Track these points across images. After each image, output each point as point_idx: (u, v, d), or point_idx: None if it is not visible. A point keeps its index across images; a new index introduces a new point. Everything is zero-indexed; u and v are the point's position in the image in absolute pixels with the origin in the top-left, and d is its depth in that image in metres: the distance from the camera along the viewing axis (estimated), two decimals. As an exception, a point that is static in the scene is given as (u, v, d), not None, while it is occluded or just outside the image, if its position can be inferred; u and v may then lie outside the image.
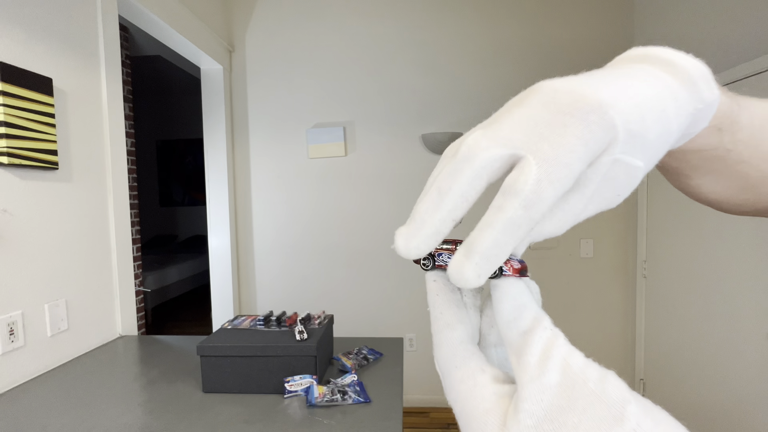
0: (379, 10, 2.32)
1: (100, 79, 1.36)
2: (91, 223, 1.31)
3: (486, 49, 2.29)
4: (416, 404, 2.42)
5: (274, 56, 2.38)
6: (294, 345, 0.94)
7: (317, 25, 2.35)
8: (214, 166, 2.35)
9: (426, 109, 2.32)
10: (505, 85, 2.29)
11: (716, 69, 1.68)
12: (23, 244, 1.07)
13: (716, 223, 1.70)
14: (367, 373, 1.05)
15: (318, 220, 2.40)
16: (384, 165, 2.37)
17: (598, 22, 2.25)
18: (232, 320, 1.13)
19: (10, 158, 1.01)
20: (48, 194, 1.15)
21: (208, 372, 0.95)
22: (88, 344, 1.28)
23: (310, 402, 0.88)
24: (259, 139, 2.42)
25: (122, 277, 1.42)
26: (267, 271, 2.46)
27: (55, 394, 0.97)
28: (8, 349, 1.02)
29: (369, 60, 2.34)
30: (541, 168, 0.15)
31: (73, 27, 1.25)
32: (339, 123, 2.37)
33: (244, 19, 2.39)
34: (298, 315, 1.11)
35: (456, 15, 2.30)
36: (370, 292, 2.41)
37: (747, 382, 1.57)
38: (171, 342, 1.32)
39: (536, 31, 2.27)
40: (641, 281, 2.23)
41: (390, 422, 0.82)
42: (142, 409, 0.89)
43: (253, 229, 2.46)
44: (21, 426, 0.83)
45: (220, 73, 2.30)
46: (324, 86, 2.37)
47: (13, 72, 1.02)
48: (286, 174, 2.42)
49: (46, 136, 1.11)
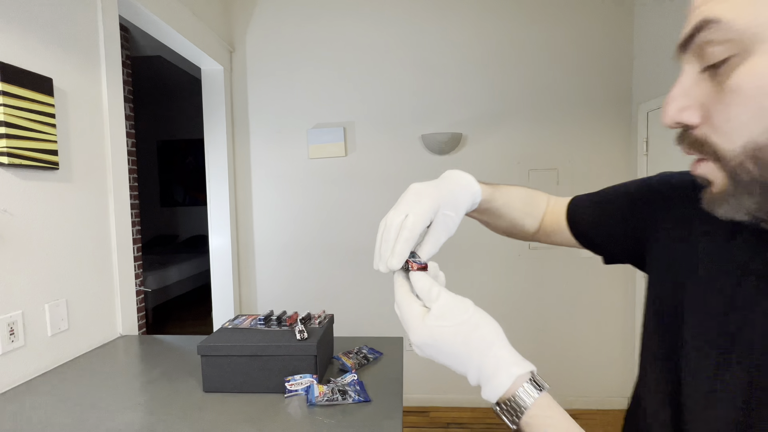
0: (379, 11, 2.32)
1: (101, 79, 1.36)
2: (92, 223, 1.31)
3: (486, 50, 2.29)
4: (416, 404, 2.42)
5: (274, 56, 2.38)
6: (294, 344, 0.94)
7: (317, 26, 2.35)
8: (215, 166, 2.35)
9: (426, 109, 2.32)
10: (505, 85, 2.29)
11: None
12: (23, 244, 1.07)
13: (716, 222, 1.70)
14: (367, 373, 1.05)
15: (318, 219, 2.41)
16: (384, 165, 2.37)
17: (598, 23, 2.25)
18: (232, 320, 1.13)
19: (10, 158, 1.01)
20: (48, 194, 1.15)
21: (209, 371, 0.95)
22: (88, 344, 1.28)
23: (311, 401, 0.88)
24: (260, 139, 2.42)
25: (123, 276, 1.42)
26: (267, 271, 2.46)
27: (55, 394, 0.97)
28: (8, 349, 1.02)
29: (369, 60, 2.34)
30: (414, 217, 0.46)
31: (73, 27, 1.25)
32: (339, 123, 2.37)
33: (245, 19, 2.39)
34: (299, 314, 1.11)
35: (456, 15, 2.30)
36: (370, 292, 2.41)
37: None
38: (171, 341, 1.33)
39: (536, 31, 2.27)
40: (641, 281, 2.23)
41: (390, 422, 0.82)
42: (143, 408, 0.89)
43: (254, 229, 2.46)
44: (21, 426, 0.84)
45: (221, 74, 2.30)
46: (324, 86, 2.37)
47: (14, 72, 1.02)
48: (287, 174, 2.42)
49: (46, 136, 1.11)
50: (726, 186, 0.32)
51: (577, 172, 2.30)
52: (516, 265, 2.34)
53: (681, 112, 0.33)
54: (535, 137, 2.31)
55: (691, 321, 0.40)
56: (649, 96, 2.13)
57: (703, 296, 0.39)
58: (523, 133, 2.31)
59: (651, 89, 2.12)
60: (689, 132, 0.34)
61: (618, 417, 2.31)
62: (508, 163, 2.31)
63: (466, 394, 2.40)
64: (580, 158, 2.30)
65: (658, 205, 0.49)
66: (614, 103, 2.28)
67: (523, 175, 2.31)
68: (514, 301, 2.36)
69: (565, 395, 2.35)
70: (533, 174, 2.31)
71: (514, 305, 2.36)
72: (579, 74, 2.28)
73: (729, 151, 0.30)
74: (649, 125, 2.14)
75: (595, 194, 0.61)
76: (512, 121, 2.31)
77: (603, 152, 2.30)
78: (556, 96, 2.28)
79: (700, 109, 0.32)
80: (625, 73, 2.27)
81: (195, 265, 4.82)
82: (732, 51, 0.29)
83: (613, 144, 2.30)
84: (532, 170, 2.32)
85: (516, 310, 2.36)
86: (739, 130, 0.30)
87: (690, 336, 0.40)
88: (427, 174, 2.34)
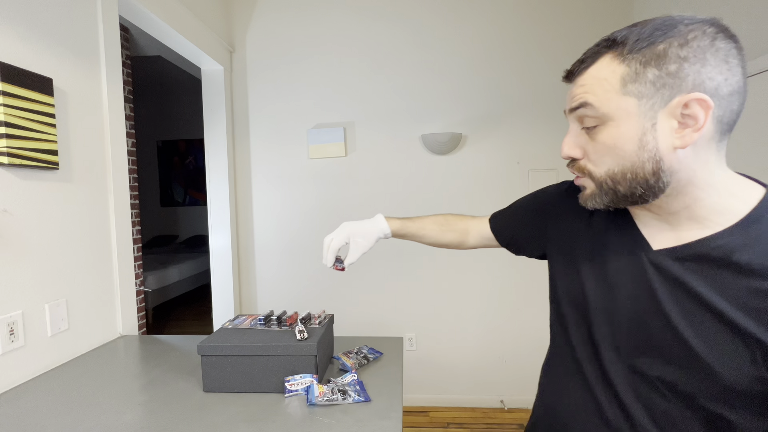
0: (380, 11, 2.32)
1: (101, 79, 1.36)
2: (92, 223, 1.31)
3: (486, 50, 2.30)
4: (416, 404, 2.42)
5: (274, 56, 2.38)
6: (294, 344, 0.94)
7: (318, 26, 2.35)
8: (215, 166, 2.35)
9: (426, 109, 2.32)
10: (505, 86, 2.29)
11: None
12: (23, 244, 1.07)
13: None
14: (367, 373, 1.05)
15: (318, 219, 2.41)
16: (384, 165, 2.37)
17: (598, 22, 2.25)
18: (232, 320, 1.13)
19: (10, 158, 1.01)
20: (48, 194, 1.15)
21: (209, 371, 0.95)
22: (88, 344, 1.28)
23: (311, 401, 0.88)
24: (260, 139, 2.42)
25: (123, 276, 1.43)
26: (267, 271, 2.47)
27: (55, 394, 0.97)
28: (8, 349, 1.02)
29: (369, 60, 2.34)
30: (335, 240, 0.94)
31: (73, 27, 1.25)
32: (339, 123, 2.37)
33: (245, 19, 2.39)
34: (299, 314, 1.11)
35: (456, 15, 2.30)
36: (370, 292, 2.41)
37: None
38: (172, 341, 1.33)
39: (536, 31, 2.27)
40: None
41: (390, 421, 0.82)
42: (143, 408, 0.89)
43: (254, 229, 2.46)
44: (21, 426, 0.84)
45: (221, 74, 2.30)
46: (324, 87, 2.37)
47: (14, 72, 1.02)
48: (287, 174, 2.42)
49: (46, 136, 1.11)
50: (593, 190, 0.56)
51: (577, 172, 2.30)
52: (516, 266, 2.34)
53: (570, 150, 0.56)
54: (535, 137, 2.31)
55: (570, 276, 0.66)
56: (649, 96, 2.13)
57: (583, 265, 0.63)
58: (523, 133, 2.31)
59: (651, 89, 2.12)
60: (575, 161, 0.57)
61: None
62: (508, 163, 2.31)
63: (466, 394, 2.40)
64: (580, 158, 2.30)
65: (554, 204, 0.74)
66: (614, 103, 2.28)
67: (523, 175, 2.31)
68: (513, 301, 2.36)
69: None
70: (533, 174, 2.31)
71: (514, 305, 2.36)
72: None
73: (597, 174, 0.54)
74: (649, 125, 2.13)
75: (507, 208, 0.87)
76: (512, 121, 2.31)
77: (603, 152, 2.30)
78: (556, 96, 2.28)
79: (581, 149, 0.56)
80: (625, 73, 2.27)
81: (195, 265, 4.82)
82: (597, 122, 0.52)
83: (613, 144, 2.30)
84: (532, 170, 2.32)
85: (516, 310, 2.36)
86: (603, 163, 0.53)
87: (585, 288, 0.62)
88: (427, 174, 2.35)
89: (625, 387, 0.56)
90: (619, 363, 0.56)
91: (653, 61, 0.47)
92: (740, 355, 0.46)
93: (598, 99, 0.50)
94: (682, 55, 0.46)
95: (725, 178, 0.50)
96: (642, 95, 0.48)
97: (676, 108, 0.46)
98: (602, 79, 0.50)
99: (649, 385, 0.53)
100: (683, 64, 0.46)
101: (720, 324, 0.48)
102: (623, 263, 0.57)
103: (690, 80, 0.46)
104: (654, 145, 0.48)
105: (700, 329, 0.49)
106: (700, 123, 0.46)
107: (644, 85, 0.47)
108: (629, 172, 0.50)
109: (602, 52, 0.51)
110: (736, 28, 0.47)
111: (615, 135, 0.50)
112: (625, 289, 0.56)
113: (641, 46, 0.47)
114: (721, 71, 0.45)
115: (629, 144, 0.49)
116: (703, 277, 0.49)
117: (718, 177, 0.50)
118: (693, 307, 0.50)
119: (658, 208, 0.53)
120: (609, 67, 0.50)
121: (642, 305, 0.54)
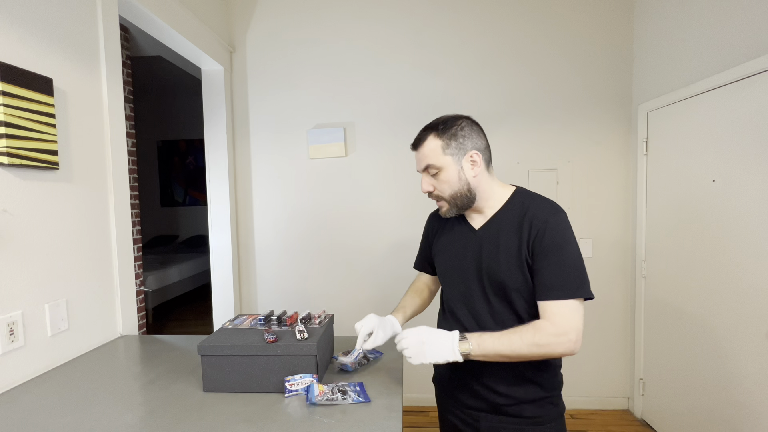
0: (380, 11, 2.32)
1: (101, 79, 1.36)
2: (92, 223, 1.31)
3: (486, 50, 2.30)
4: (416, 404, 2.42)
5: (274, 57, 2.38)
6: (294, 344, 0.94)
7: (318, 26, 2.35)
8: (215, 167, 2.35)
9: (426, 109, 2.32)
10: (505, 85, 2.29)
11: (716, 68, 1.68)
12: (23, 244, 1.07)
13: (715, 223, 1.70)
14: (367, 373, 1.05)
15: (318, 219, 2.41)
16: (384, 165, 2.37)
17: (598, 23, 2.25)
18: (232, 320, 1.13)
19: (10, 158, 1.01)
20: (48, 194, 1.15)
21: (209, 371, 0.95)
22: (88, 344, 1.28)
23: (311, 401, 0.88)
24: (260, 139, 2.42)
25: (123, 276, 1.43)
26: (268, 271, 2.47)
27: (55, 394, 0.97)
28: (8, 349, 1.02)
29: (369, 61, 2.34)
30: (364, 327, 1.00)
31: (73, 27, 1.25)
32: (339, 123, 2.37)
33: (245, 19, 2.39)
34: (299, 314, 1.11)
35: (456, 15, 2.30)
36: (370, 292, 2.41)
37: (747, 381, 1.57)
38: (172, 341, 1.33)
39: (536, 31, 2.27)
40: (640, 281, 2.23)
41: (390, 421, 0.82)
42: (143, 408, 0.89)
43: (254, 229, 2.46)
44: (21, 426, 0.83)
45: (221, 74, 2.30)
46: (324, 87, 2.37)
47: (14, 72, 1.02)
48: (287, 174, 2.42)
49: (46, 136, 1.11)
50: (448, 207, 0.98)
51: (577, 172, 2.31)
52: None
53: (427, 187, 0.98)
54: (535, 137, 2.31)
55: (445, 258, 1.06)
56: (649, 96, 2.13)
57: (447, 247, 1.05)
58: (523, 133, 2.31)
59: (651, 89, 2.12)
60: (432, 193, 0.99)
61: (618, 417, 2.31)
62: (508, 163, 2.31)
63: (466, 394, 2.40)
64: (580, 158, 2.30)
65: (432, 226, 1.15)
66: (614, 103, 2.28)
67: (523, 175, 2.31)
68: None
69: (566, 395, 2.34)
70: (533, 174, 2.31)
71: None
72: (579, 74, 2.28)
73: (447, 197, 0.97)
74: (649, 125, 2.13)
75: (419, 251, 1.23)
76: (512, 121, 2.31)
77: (603, 152, 2.30)
78: (556, 96, 2.28)
79: (432, 186, 0.97)
80: (625, 73, 2.27)
81: (195, 265, 4.83)
82: (436, 171, 0.95)
83: (613, 144, 2.30)
84: (532, 170, 2.32)
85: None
86: (445, 191, 0.96)
87: (449, 264, 1.05)
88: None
89: (474, 300, 0.99)
90: (472, 284, 0.99)
91: (452, 137, 0.93)
92: (519, 264, 0.91)
93: (433, 160, 0.94)
94: (463, 134, 0.94)
95: (496, 186, 0.99)
96: (453, 154, 0.93)
97: (467, 158, 0.94)
98: (432, 149, 0.94)
99: (484, 293, 0.98)
100: (465, 138, 0.94)
101: (509, 251, 0.92)
102: (464, 237, 1.02)
103: (469, 144, 0.94)
104: (465, 177, 0.94)
105: (499, 255, 0.94)
106: (479, 164, 0.94)
107: (452, 149, 0.93)
108: (458, 192, 0.95)
109: (429, 133, 0.95)
110: (737, 28, 0.47)
111: (447, 176, 0.94)
112: (465, 250, 1.00)
113: (446, 128, 0.94)
114: (480, 138, 0.96)
115: (454, 179, 0.94)
116: (497, 232, 0.95)
117: (494, 187, 0.98)
118: (494, 246, 0.95)
119: (473, 208, 0.99)
120: (434, 142, 0.94)
121: (474, 254, 0.98)
